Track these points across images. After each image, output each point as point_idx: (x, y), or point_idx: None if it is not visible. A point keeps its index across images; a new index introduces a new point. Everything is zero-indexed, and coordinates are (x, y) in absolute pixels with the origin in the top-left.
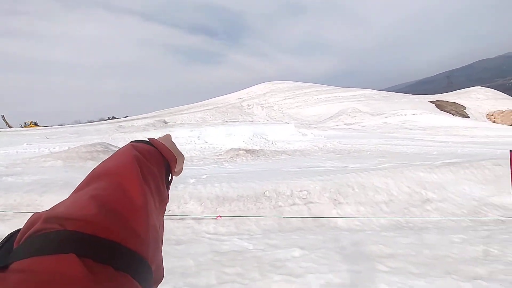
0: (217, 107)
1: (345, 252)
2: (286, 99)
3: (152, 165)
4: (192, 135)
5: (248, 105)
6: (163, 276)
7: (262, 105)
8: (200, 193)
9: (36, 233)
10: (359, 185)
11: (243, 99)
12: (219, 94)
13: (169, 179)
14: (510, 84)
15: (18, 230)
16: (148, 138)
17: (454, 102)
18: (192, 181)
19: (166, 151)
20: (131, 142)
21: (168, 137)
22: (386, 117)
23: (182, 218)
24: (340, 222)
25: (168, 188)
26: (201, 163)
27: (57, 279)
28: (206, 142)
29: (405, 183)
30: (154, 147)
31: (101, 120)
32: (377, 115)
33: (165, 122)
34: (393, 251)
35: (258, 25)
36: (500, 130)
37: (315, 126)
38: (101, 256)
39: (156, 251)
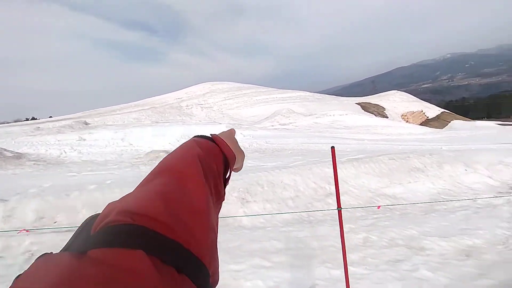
0: (153, 107)
1: (235, 252)
2: (226, 99)
3: (212, 162)
4: (115, 137)
5: (187, 106)
6: (218, 280)
7: (202, 106)
8: (96, 201)
9: (109, 223)
10: (269, 183)
11: (182, 99)
12: (158, 94)
13: (227, 175)
14: (421, 89)
15: (97, 215)
16: (210, 134)
17: (376, 104)
18: (91, 187)
19: (226, 148)
20: (194, 137)
21: (231, 132)
22: (317, 118)
23: (69, 230)
24: (245, 220)
25: (225, 185)
26: (115, 167)
27: (129, 275)
28: (131, 144)
29: (312, 179)
30: (216, 143)
31: (17, 121)
32: (309, 115)
33: (86, 124)
34: (284, 245)
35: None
36: (411, 129)
37: (247, 126)
38: (167, 256)
39: (214, 255)
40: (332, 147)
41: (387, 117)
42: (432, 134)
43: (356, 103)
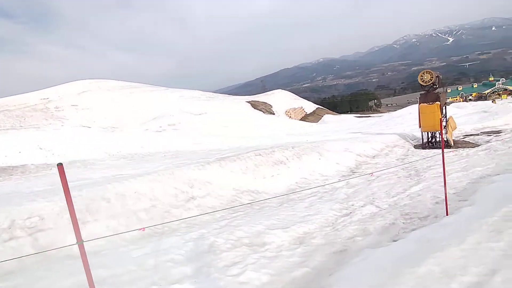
0: (7, 110)
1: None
2: (108, 99)
3: None
4: None
5: (56, 107)
6: None
7: (77, 107)
8: None
9: None
10: (119, 195)
11: (50, 99)
12: (17, 93)
13: None
14: (303, 88)
15: None
16: None
17: (264, 102)
18: None
19: None
20: None
21: None
22: (205, 116)
23: None
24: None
25: None
26: None
27: None
28: None
29: (172, 185)
30: None
31: None
32: (199, 114)
33: None
34: (111, 272)
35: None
36: (292, 123)
37: (121, 129)
38: None
39: None
40: (59, 165)
41: (274, 114)
42: (310, 128)
43: (247, 101)
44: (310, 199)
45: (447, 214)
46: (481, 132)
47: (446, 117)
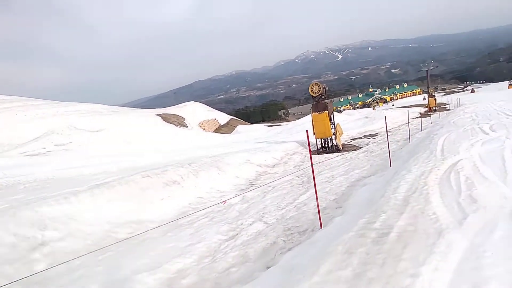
0: None
1: None
2: None
3: None
4: None
5: None
6: None
7: None
8: None
9: None
10: None
11: None
12: None
13: None
14: (218, 100)
15: None
16: None
17: (176, 115)
18: None
19: None
20: None
21: None
22: (104, 133)
23: None
24: None
25: None
26: None
27: None
28: None
29: (11, 230)
30: None
31: None
32: (97, 131)
33: None
34: None
35: None
36: (204, 136)
37: None
38: None
39: None
40: None
41: (187, 126)
42: (223, 139)
43: (157, 114)
44: (200, 222)
45: (321, 227)
46: (363, 136)
47: (334, 124)
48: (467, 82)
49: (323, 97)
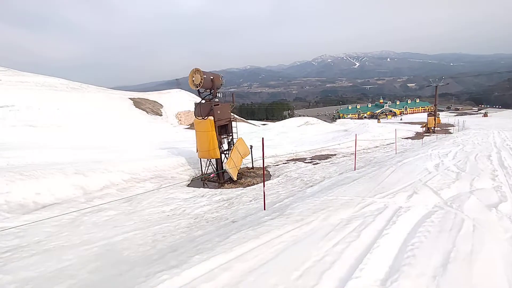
0: None
1: None
2: None
3: None
4: None
5: None
6: None
7: None
8: None
9: None
10: None
11: None
12: None
13: None
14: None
15: None
16: None
17: (154, 101)
18: None
19: None
20: None
21: None
22: (27, 112)
23: None
24: None
25: None
26: None
27: None
28: None
29: None
30: None
31: None
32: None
33: None
34: None
35: None
36: (170, 130)
37: None
38: None
39: None
40: None
41: (161, 115)
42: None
43: (129, 98)
44: None
45: None
46: (312, 156)
47: (233, 139)
48: (482, 105)
49: (211, 93)
